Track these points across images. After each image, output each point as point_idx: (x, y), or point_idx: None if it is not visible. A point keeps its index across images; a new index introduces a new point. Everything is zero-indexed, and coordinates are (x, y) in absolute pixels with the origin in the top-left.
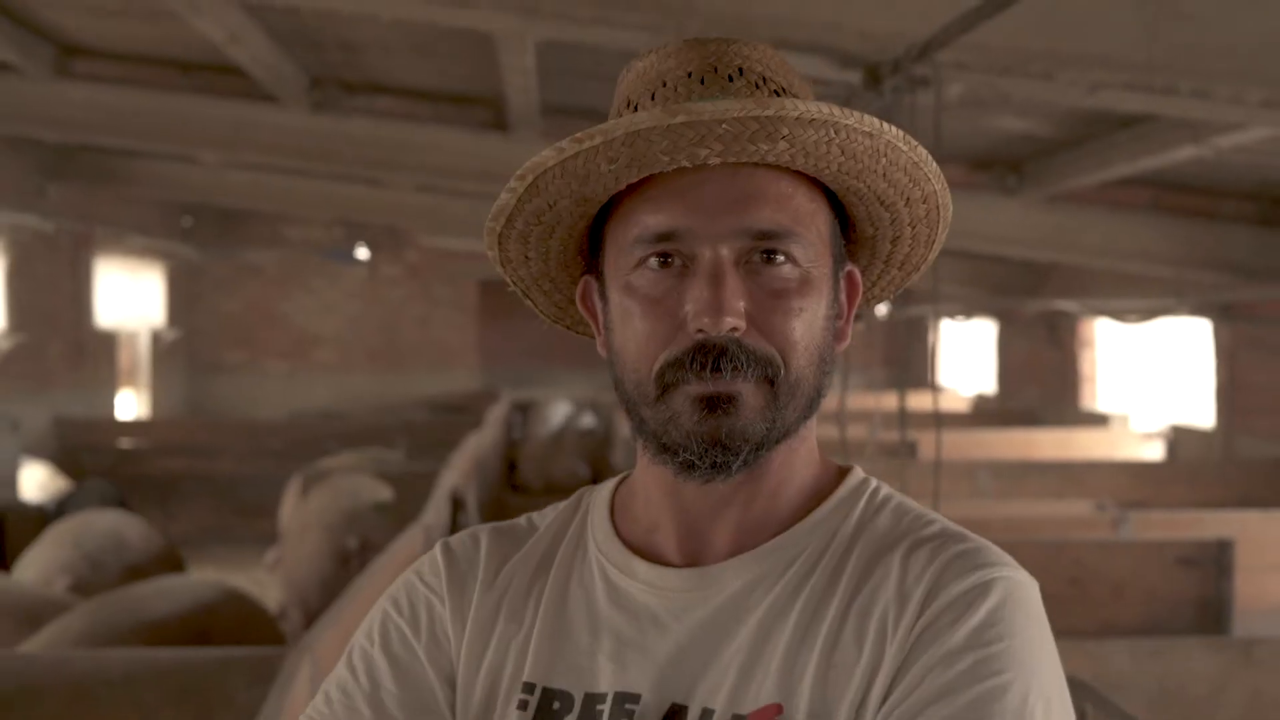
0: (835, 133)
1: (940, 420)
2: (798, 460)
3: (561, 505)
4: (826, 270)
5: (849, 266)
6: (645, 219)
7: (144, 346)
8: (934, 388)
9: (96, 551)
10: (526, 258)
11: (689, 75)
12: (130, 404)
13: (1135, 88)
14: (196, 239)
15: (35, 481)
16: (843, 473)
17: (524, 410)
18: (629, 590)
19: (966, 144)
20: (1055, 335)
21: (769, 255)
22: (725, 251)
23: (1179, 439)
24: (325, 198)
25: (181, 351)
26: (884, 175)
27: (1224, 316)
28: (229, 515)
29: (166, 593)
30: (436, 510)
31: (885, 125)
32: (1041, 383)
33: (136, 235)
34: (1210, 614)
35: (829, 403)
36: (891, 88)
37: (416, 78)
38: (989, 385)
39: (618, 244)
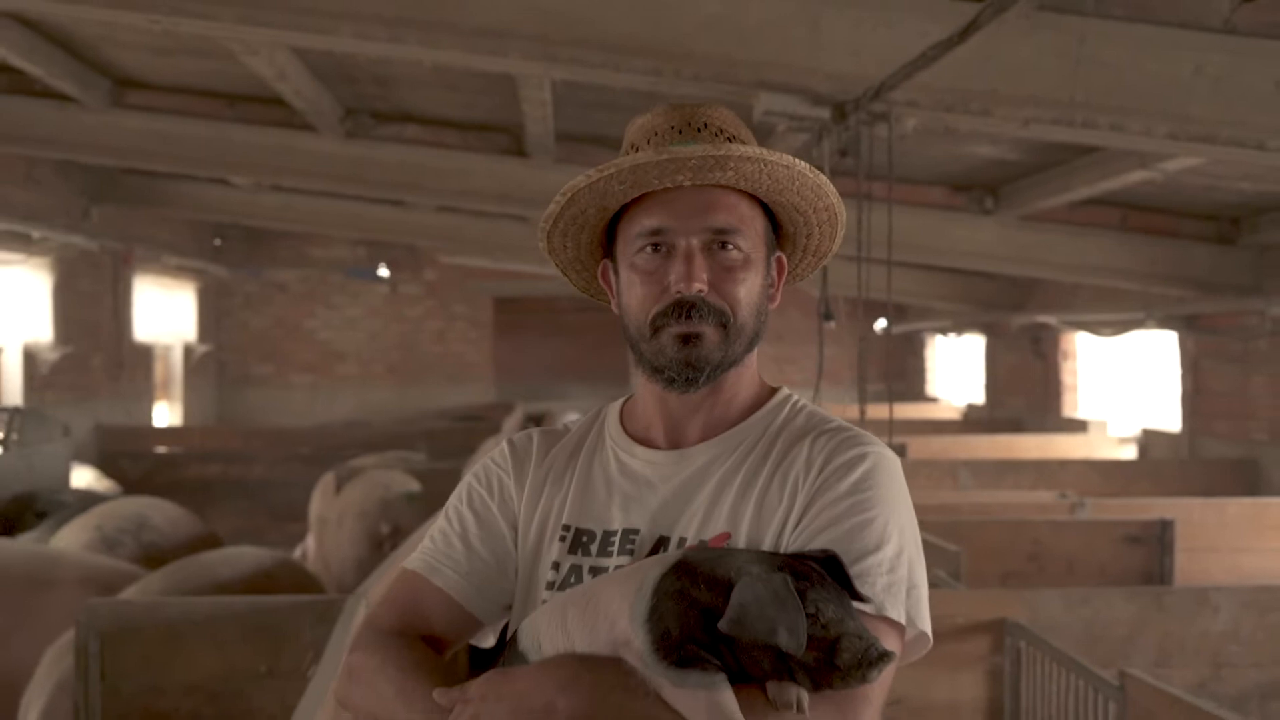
0: (764, 166)
1: (893, 427)
2: (743, 380)
3: (587, 415)
4: (762, 255)
5: (778, 253)
6: (643, 220)
7: (177, 360)
8: (891, 399)
9: (114, 533)
10: (565, 247)
11: (671, 128)
12: (164, 415)
13: (1061, 122)
14: (226, 258)
15: (83, 483)
16: (774, 390)
17: (537, 421)
18: (632, 465)
19: (947, 169)
20: (1039, 348)
21: (723, 244)
22: (695, 241)
23: (1149, 441)
24: (350, 218)
25: (211, 365)
26: (798, 193)
27: (1188, 328)
28: (260, 517)
29: (232, 560)
30: None
31: (796, 160)
32: (1027, 392)
33: (171, 254)
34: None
35: None
36: (855, 122)
37: (443, 109)
38: (978, 396)
39: (625, 237)
